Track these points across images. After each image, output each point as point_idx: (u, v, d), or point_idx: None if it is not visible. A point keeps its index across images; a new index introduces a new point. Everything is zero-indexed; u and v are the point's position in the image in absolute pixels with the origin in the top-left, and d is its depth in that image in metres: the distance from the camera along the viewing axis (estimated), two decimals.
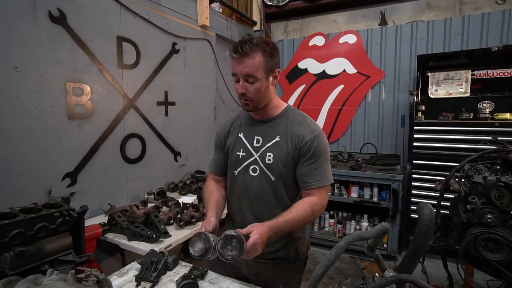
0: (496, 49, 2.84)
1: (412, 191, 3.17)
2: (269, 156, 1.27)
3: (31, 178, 1.82)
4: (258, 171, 1.29)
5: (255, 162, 1.30)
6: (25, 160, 1.79)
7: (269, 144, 1.29)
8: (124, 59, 2.39)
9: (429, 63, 3.33)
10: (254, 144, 1.31)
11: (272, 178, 1.27)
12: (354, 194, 3.51)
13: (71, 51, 2.01)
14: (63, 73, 1.97)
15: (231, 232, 1.01)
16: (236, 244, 1.00)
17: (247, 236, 1.05)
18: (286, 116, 1.32)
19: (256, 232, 1.06)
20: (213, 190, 1.43)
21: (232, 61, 1.21)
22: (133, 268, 1.35)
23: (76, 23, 2.03)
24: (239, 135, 1.36)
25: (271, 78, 1.25)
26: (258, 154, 1.29)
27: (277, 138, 1.28)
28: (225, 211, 1.52)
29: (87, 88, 2.11)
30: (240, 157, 1.33)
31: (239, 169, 1.34)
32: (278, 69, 1.27)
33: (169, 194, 2.67)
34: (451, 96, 3.29)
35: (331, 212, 3.77)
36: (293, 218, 1.17)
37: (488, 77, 3.15)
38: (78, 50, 2.05)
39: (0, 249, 1.06)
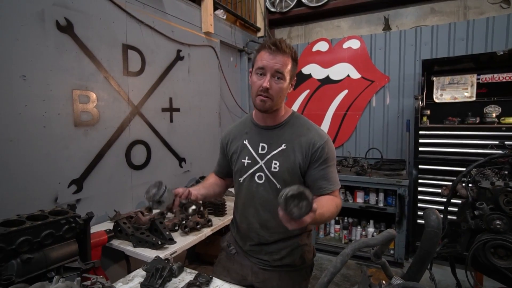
0: (501, 53, 2.83)
1: (419, 197, 3.14)
2: (275, 164, 1.26)
3: (38, 185, 1.84)
4: (263, 179, 1.29)
5: (260, 169, 1.29)
6: (32, 167, 1.81)
7: (274, 152, 1.28)
8: (129, 67, 2.42)
9: (434, 68, 3.31)
10: (259, 151, 1.31)
11: (278, 186, 1.26)
12: (360, 199, 3.49)
13: (78, 60, 2.04)
14: (70, 81, 1.99)
15: (309, 195, 0.91)
16: (302, 207, 0.91)
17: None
18: (291, 123, 1.32)
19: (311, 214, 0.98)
20: (209, 178, 1.53)
21: (263, 55, 1.19)
22: (139, 275, 1.35)
23: (83, 32, 2.06)
24: (244, 142, 1.35)
25: (290, 84, 1.27)
26: (263, 161, 1.29)
27: (283, 146, 1.27)
28: (230, 216, 1.52)
29: (93, 96, 2.14)
30: (246, 165, 1.32)
31: (245, 176, 1.33)
32: (295, 78, 1.30)
33: None
34: (456, 100, 3.26)
35: (337, 218, 3.74)
36: (328, 212, 1.15)
37: (494, 81, 3.12)
38: (85, 58, 2.08)
39: (7, 256, 1.07)
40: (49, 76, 1.87)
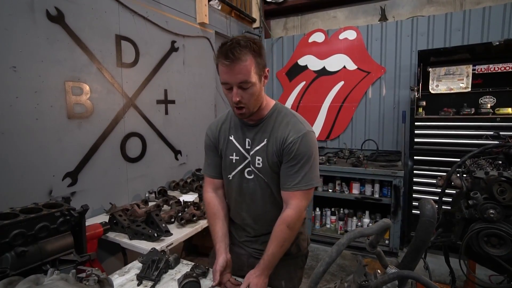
0: (497, 43, 2.82)
1: (414, 187, 3.16)
2: (258, 160, 1.25)
3: (32, 178, 1.82)
4: (252, 174, 1.28)
5: (248, 164, 1.28)
6: (26, 160, 1.79)
7: (257, 148, 1.26)
8: (123, 58, 2.38)
9: (430, 59, 3.31)
10: (246, 147, 1.28)
11: (265, 180, 1.26)
12: (356, 190, 3.51)
13: (70, 50, 2.00)
14: (62, 72, 1.96)
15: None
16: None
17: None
18: (273, 117, 1.27)
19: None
20: (216, 211, 1.36)
21: (221, 68, 1.09)
22: (135, 267, 1.35)
23: (75, 22, 2.02)
24: (230, 137, 1.32)
25: (262, 79, 1.18)
26: (250, 157, 1.27)
27: (265, 141, 1.24)
28: None
29: (86, 88, 2.11)
30: (234, 161, 1.30)
31: (234, 173, 1.31)
32: (268, 68, 1.21)
33: (170, 193, 2.67)
34: (452, 91, 3.26)
35: (333, 209, 3.77)
36: (278, 247, 1.20)
37: (489, 71, 3.13)
38: (77, 49, 2.04)
39: (2, 249, 1.06)
40: (40, 68, 1.84)
